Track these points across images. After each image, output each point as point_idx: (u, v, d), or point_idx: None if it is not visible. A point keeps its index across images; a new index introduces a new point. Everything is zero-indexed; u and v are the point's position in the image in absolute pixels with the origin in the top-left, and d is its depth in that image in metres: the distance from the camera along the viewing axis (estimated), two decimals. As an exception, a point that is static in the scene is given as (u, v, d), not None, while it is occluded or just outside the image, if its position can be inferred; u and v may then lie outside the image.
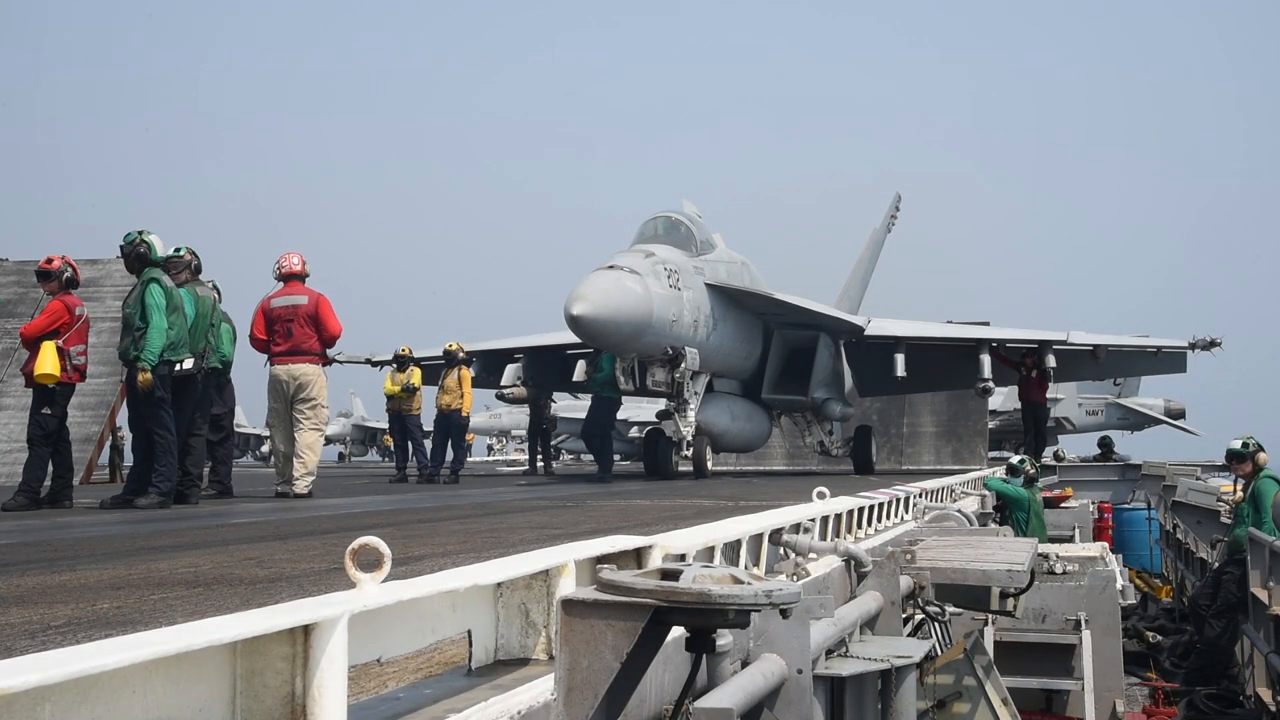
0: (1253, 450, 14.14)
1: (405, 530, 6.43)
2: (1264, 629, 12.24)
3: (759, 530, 5.06)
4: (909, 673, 5.20)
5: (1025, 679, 10.81)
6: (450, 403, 18.42)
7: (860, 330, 22.24)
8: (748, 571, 2.50)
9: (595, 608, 2.42)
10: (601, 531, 4.63)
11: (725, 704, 3.16)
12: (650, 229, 17.77)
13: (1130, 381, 45.80)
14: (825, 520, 6.43)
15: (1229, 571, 14.30)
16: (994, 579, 6.34)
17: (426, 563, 4.28)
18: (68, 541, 5.94)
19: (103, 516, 8.53)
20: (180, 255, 11.03)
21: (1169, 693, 14.94)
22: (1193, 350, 23.60)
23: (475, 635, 3.08)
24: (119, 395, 17.12)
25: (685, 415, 16.99)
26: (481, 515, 8.21)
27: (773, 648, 3.71)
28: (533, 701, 2.66)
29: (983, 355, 22.45)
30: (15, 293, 19.21)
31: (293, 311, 11.96)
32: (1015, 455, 20.15)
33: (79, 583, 3.84)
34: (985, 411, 30.55)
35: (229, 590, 3.56)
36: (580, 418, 26.34)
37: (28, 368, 10.47)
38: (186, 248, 11.17)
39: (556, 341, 22.70)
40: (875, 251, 34.12)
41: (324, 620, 2.11)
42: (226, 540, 5.91)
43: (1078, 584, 11.65)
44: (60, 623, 2.86)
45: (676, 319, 16.40)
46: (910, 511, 9.85)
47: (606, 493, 12.38)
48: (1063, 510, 20.66)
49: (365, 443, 64.05)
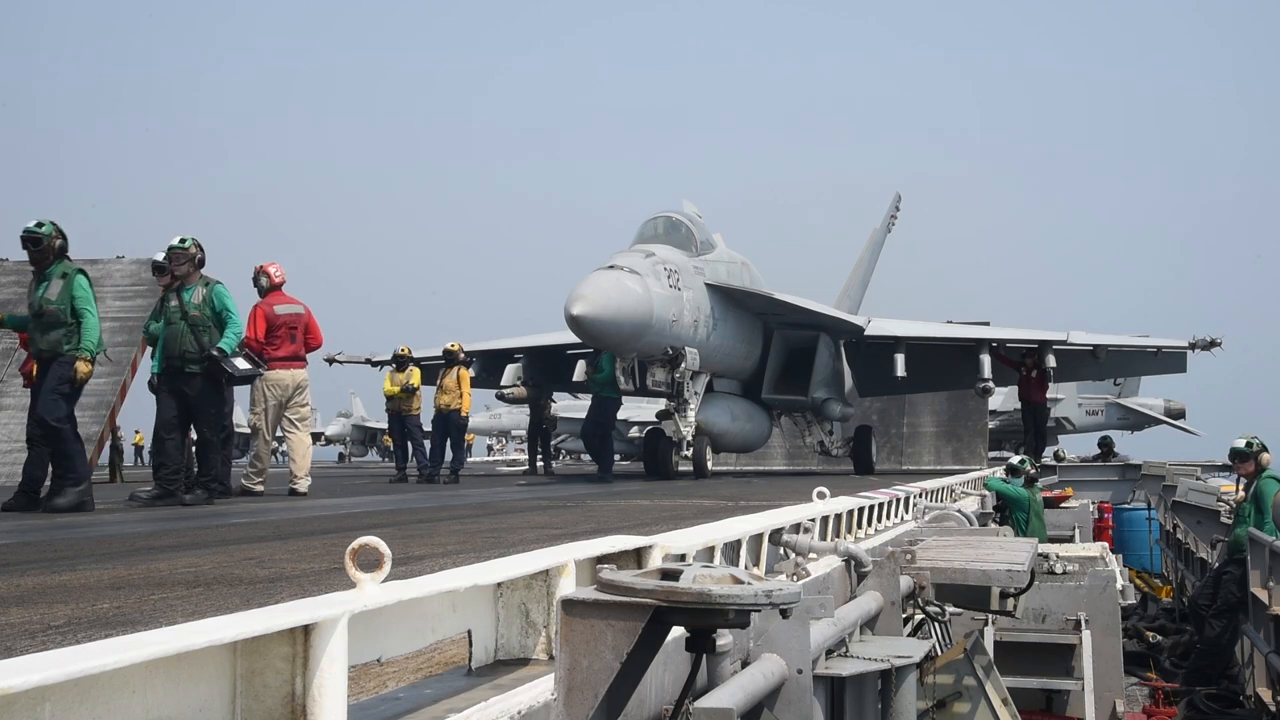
0: (1256, 450, 14.12)
1: (405, 530, 6.43)
2: (1264, 629, 12.24)
3: (759, 530, 5.06)
4: (909, 673, 5.20)
5: (1025, 679, 10.81)
6: (449, 403, 18.42)
7: (860, 330, 22.25)
8: (748, 571, 2.50)
9: (595, 608, 2.42)
10: (601, 531, 4.63)
11: (725, 704, 3.16)
12: (650, 229, 17.78)
13: (1130, 381, 45.86)
14: (825, 520, 6.43)
15: (1229, 571, 14.29)
16: (994, 579, 6.34)
17: (426, 563, 4.28)
18: (68, 541, 5.94)
19: (103, 516, 8.52)
20: (185, 248, 10.59)
21: (1169, 693, 14.93)
22: (1193, 350, 23.62)
23: (475, 635, 3.08)
24: (119, 395, 17.13)
25: (685, 415, 16.99)
26: (481, 515, 8.21)
27: (773, 648, 3.71)
28: (533, 701, 2.66)
29: (983, 355, 22.47)
30: (15, 293, 19.16)
31: (296, 319, 12.41)
32: (1015, 455, 20.16)
33: (79, 583, 3.84)
34: (985, 411, 30.55)
35: (229, 590, 3.56)
36: (580, 418, 26.33)
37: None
38: (192, 239, 10.65)
39: (556, 341, 22.71)
40: (875, 251, 34.13)
41: (324, 620, 2.11)
42: (226, 540, 5.91)
43: (1078, 584, 11.65)
44: (60, 623, 2.86)
45: (676, 319, 16.41)
46: (910, 511, 9.85)
47: (606, 493, 12.38)
48: (1063, 510, 20.65)
49: (365, 443, 64.09)
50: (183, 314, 10.22)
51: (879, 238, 34.31)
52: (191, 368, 10.19)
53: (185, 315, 10.21)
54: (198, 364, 10.18)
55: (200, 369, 10.20)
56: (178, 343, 10.19)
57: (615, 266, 15.75)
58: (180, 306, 10.26)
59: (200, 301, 10.25)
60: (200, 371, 10.21)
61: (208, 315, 10.23)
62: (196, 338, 10.17)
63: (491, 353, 24.34)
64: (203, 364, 10.18)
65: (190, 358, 10.17)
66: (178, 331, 10.21)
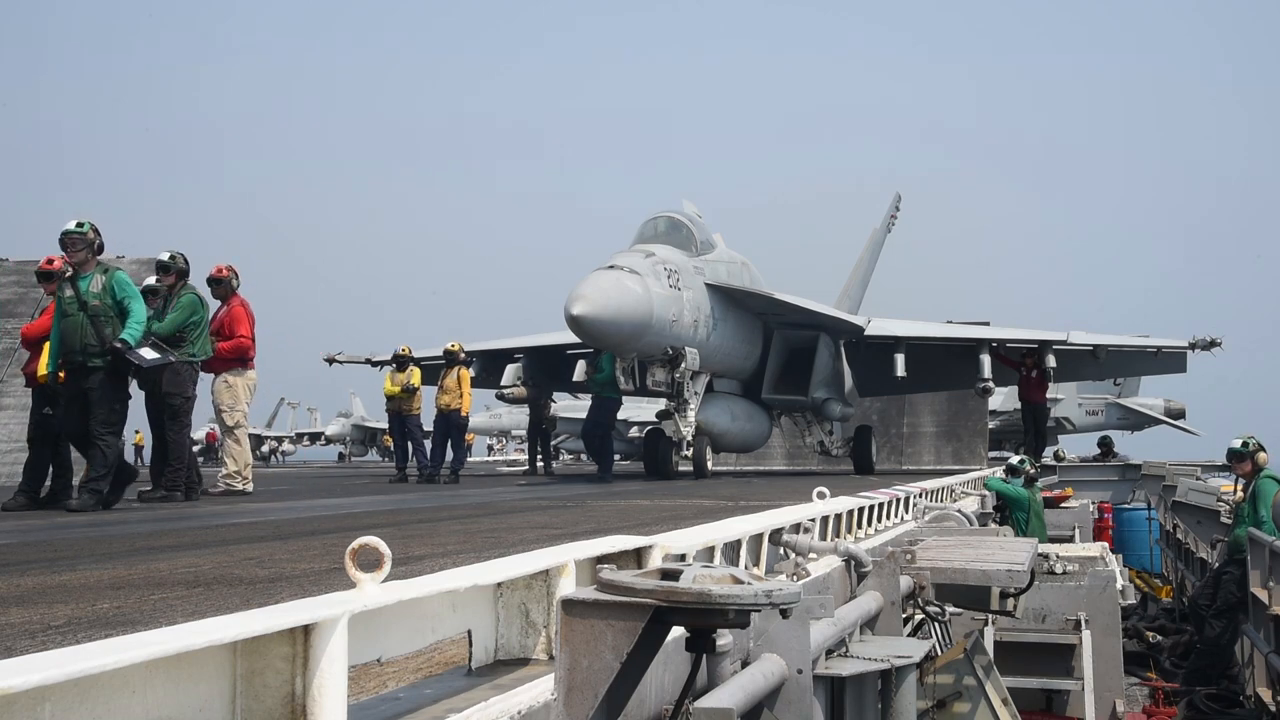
0: (1253, 450, 14.13)
1: (405, 530, 6.43)
2: (1264, 629, 12.24)
3: (759, 530, 5.06)
4: (909, 673, 5.20)
5: (1025, 679, 10.81)
6: (450, 403, 18.42)
7: (860, 330, 22.24)
8: (748, 571, 2.50)
9: (595, 608, 2.42)
10: (601, 531, 4.63)
11: (725, 704, 3.16)
12: (650, 229, 17.77)
13: (1130, 381, 45.82)
14: (825, 520, 6.43)
15: (1229, 571, 14.29)
16: (994, 579, 6.35)
17: (426, 563, 4.28)
18: (68, 541, 5.93)
19: (103, 516, 8.52)
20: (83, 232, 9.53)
21: (1169, 693, 14.93)
22: (1193, 350, 23.62)
23: (475, 635, 3.08)
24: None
25: (685, 415, 16.99)
26: (481, 515, 8.20)
27: (773, 648, 3.71)
28: (533, 701, 2.66)
29: (983, 355, 22.47)
30: (15, 293, 19.17)
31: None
32: (1015, 455, 20.15)
33: (79, 583, 3.84)
34: (985, 411, 30.55)
35: (229, 590, 3.56)
36: (580, 418, 26.33)
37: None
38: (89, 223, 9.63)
39: (556, 341, 22.70)
40: (875, 251, 34.12)
41: (324, 620, 2.11)
42: (226, 540, 5.91)
43: (1078, 584, 11.65)
44: (60, 623, 2.86)
45: (676, 319, 16.40)
46: (910, 511, 9.85)
47: (606, 493, 12.38)
48: (1063, 510, 20.65)
49: (365, 443, 64.04)
50: (80, 304, 9.32)
51: (879, 238, 34.30)
52: (94, 362, 9.34)
53: (84, 306, 9.31)
54: (100, 358, 9.34)
55: (103, 363, 9.35)
56: (77, 336, 9.31)
57: (615, 266, 15.75)
58: (77, 296, 9.36)
59: (100, 290, 9.37)
60: (103, 366, 9.36)
61: (109, 305, 9.36)
62: (98, 330, 9.30)
63: (491, 353, 24.34)
64: (105, 357, 9.33)
65: (92, 351, 9.31)
66: (76, 324, 9.31)
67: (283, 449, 65.39)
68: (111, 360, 9.34)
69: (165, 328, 10.77)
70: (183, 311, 10.90)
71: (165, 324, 10.80)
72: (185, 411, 10.96)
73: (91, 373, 9.32)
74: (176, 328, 10.81)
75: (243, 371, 12.32)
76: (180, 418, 10.83)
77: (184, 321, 10.87)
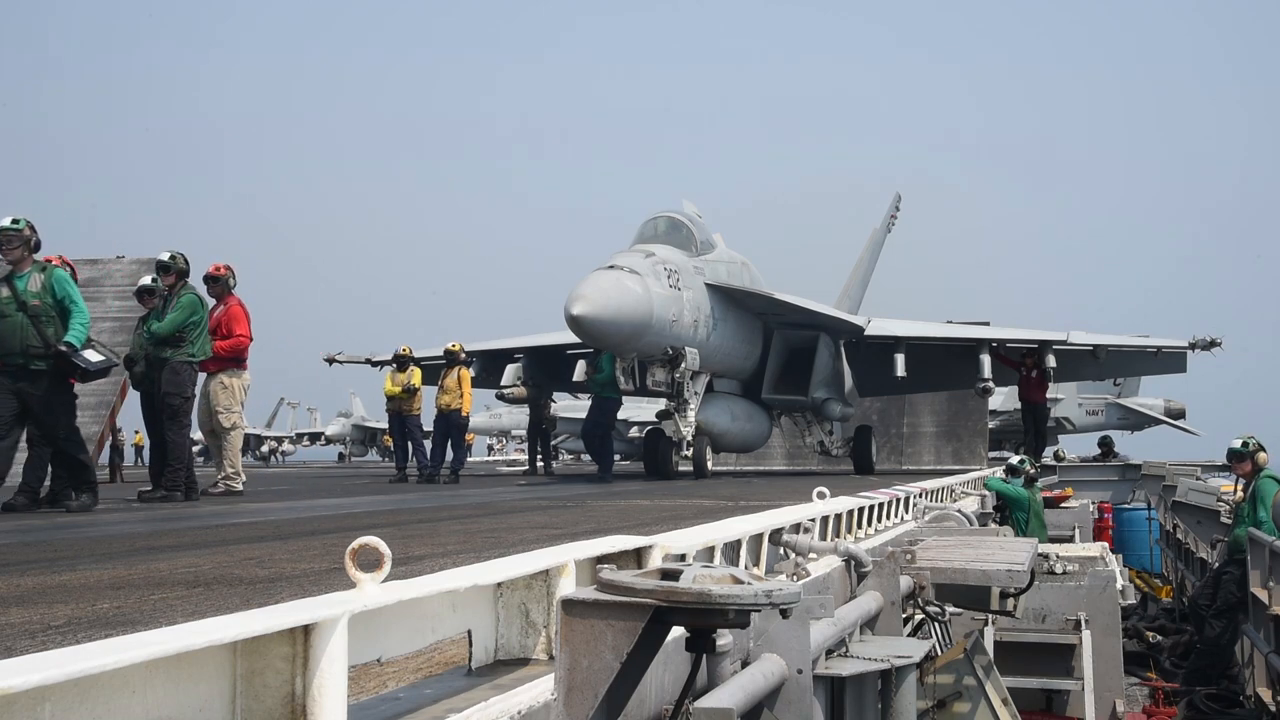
0: (1253, 450, 14.13)
1: (405, 530, 6.43)
2: (1264, 629, 12.24)
3: (759, 530, 5.06)
4: (909, 673, 5.20)
5: (1025, 679, 10.81)
6: (450, 403, 18.42)
7: (860, 330, 22.25)
8: (748, 571, 2.50)
9: (595, 608, 2.42)
10: (601, 531, 4.63)
11: (725, 704, 3.16)
12: (650, 229, 17.78)
13: (1130, 381, 45.84)
14: (825, 520, 6.43)
15: (1229, 571, 14.29)
16: (994, 579, 6.35)
17: (426, 563, 4.28)
18: (68, 541, 5.93)
19: (103, 516, 8.52)
20: (19, 229, 9.22)
21: (1169, 693, 14.93)
22: (1193, 350, 23.63)
23: (475, 635, 3.08)
24: (119, 395, 17.11)
25: (685, 415, 16.99)
26: (481, 515, 8.20)
27: (773, 648, 3.71)
28: (533, 701, 2.66)
29: (983, 355, 22.48)
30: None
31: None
32: (1015, 455, 20.15)
33: (79, 583, 3.84)
34: (985, 411, 30.57)
35: (229, 590, 3.56)
36: (580, 418, 26.34)
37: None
38: (25, 220, 9.29)
39: (556, 341, 22.71)
40: (875, 251, 34.13)
41: (324, 620, 2.11)
42: (226, 540, 5.91)
43: (1078, 584, 11.65)
44: (60, 623, 2.86)
45: (676, 319, 16.41)
46: (910, 511, 9.85)
47: (606, 493, 12.38)
48: (1063, 510, 20.65)
49: (365, 443, 64.11)
50: (19, 304, 8.93)
51: (879, 238, 34.31)
52: (36, 364, 8.94)
53: (23, 306, 8.92)
54: (43, 360, 8.95)
55: (46, 365, 8.98)
56: (17, 337, 8.89)
57: (615, 266, 15.75)
58: (14, 296, 8.96)
59: (40, 289, 8.99)
60: (47, 369, 9.00)
61: (49, 304, 9.00)
62: (39, 330, 8.92)
63: (492, 353, 24.34)
64: (49, 360, 8.96)
65: (35, 353, 8.92)
66: (15, 324, 8.90)
67: (283, 449, 65.45)
68: (54, 363, 9.01)
69: (165, 328, 10.76)
70: (183, 311, 10.89)
71: (165, 324, 10.78)
72: (185, 412, 10.96)
73: (34, 376, 8.98)
74: (176, 328, 10.80)
75: (238, 372, 12.29)
76: (180, 418, 10.83)
77: (184, 321, 10.86)
